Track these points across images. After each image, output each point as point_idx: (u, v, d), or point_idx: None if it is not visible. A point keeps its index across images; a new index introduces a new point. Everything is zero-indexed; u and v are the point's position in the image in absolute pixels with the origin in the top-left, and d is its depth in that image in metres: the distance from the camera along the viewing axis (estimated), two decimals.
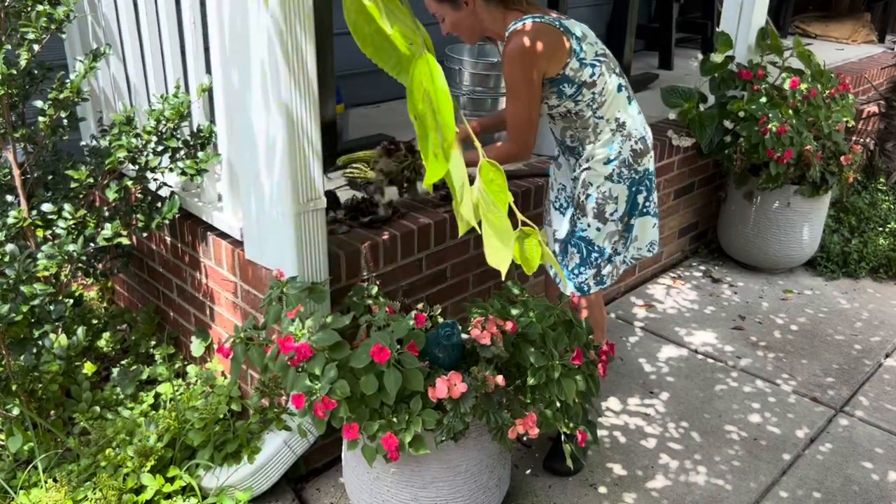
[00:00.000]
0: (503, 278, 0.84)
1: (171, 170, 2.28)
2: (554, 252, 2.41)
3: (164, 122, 2.23)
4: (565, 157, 2.37)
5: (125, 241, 2.28)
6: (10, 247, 2.02)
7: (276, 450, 2.21)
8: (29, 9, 2.16)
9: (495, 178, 0.60)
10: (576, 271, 2.34)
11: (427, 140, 0.57)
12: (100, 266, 2.56)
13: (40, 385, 2.32)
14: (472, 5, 2.13)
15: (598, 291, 2.40)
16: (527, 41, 2.07)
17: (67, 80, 2.20)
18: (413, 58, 0.56)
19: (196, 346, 2.55)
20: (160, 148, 2.27)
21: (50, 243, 2.12)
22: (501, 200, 0.60)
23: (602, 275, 2.35)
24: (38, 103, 2.21)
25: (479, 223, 0.61)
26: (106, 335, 2.75)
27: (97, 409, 2.39)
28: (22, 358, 2.19)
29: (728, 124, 3.49)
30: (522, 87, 2.11)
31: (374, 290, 2.10)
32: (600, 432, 2.60)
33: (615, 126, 2.22)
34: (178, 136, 2.29)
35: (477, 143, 0.69)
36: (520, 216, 0.63)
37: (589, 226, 2.29)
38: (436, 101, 0.56)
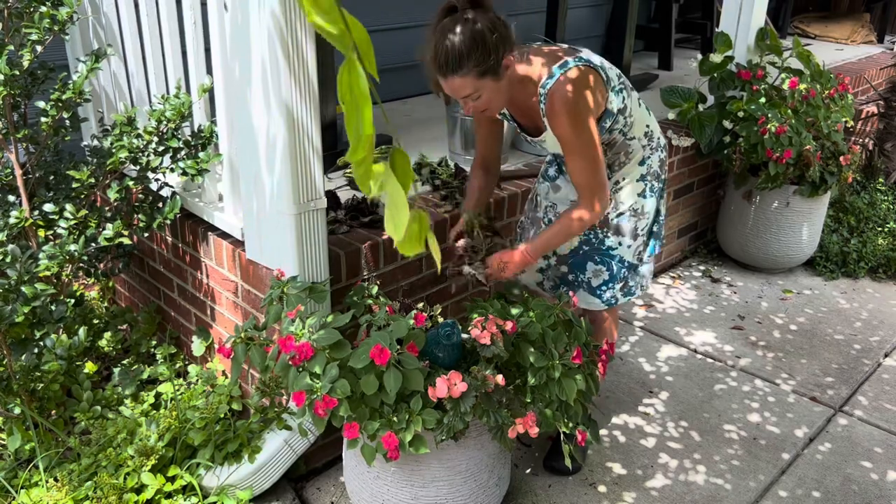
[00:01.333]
0: (395, 246, 0.95)
1: (172, 170, 2.29)
2: (563, 273, 2.32)
3: (165, 122, 2.24)
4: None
5: (126, 241, 2.29)
6: (11, 247, 2.03)
7: (277, 449, 2.22)
8: (32, 10, 2.17)
9: (401, 160, 0.77)
10: (604, 287, 2.28)
11: (351, 124, 0.71)
12: (101, 266, 2.57)
13: (41, 385, 2.32)
14: (510, 67, 1.90)
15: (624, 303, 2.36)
16: (576, 93, 1.93)
17: (69, 81, 2.21)
18: (346, 54, 0.68)
19: (197, 346, 2.56)
20: (161, 148, 2.28)
21: (51, 243, 2.13)
22: (405, 182, 0.76)
23: (630, 286, 2.31)
24: (41, 104, 2.22)
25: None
26: (107, 335, 2.76)
27: (98, 408, 2.40)
28: (23, 358, 2.19)
29: (727, 124, 3.49)
30: (585, 141, 1.95)
31: (374, 289, 2.11)
32: (600, 432, 2.60)
33: (646, 141, 2.17)
34: (179, 136, 2.30)
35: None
36: (418, 199, 0.84)
37: (620, 244, 2.23)
38: (358, 101, 0.70)
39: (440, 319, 2.04)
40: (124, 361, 2.65)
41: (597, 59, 2.05)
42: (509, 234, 2.74)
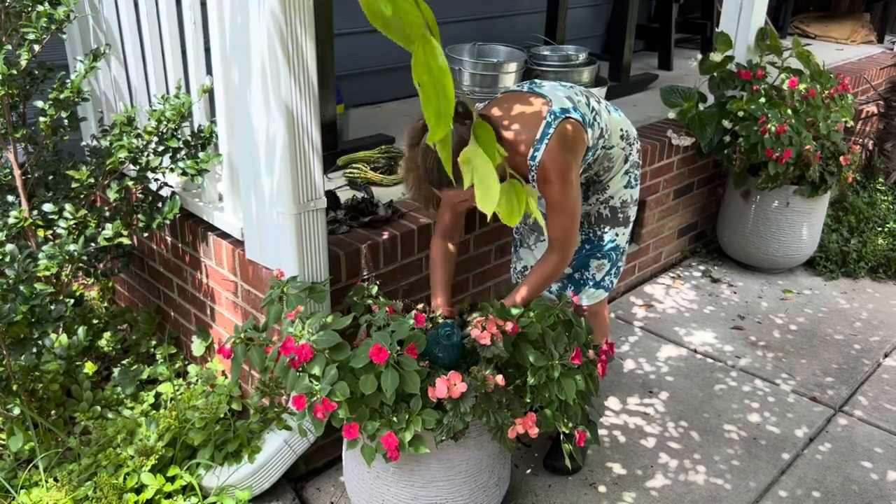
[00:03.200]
0: (488, 220, 0.97)
1: (171, 170, 2.29)
2: (569, 274, 2.37)
3: (164, 122, 2.23)
4: None
5: (126, 241, 2.29)
6: (9, 247, 2.03)
7: (277, 449, 2.22)
8: (29, 9, 2.16)
9: (485, 133, 0.76)
10: (606, 277, 2.37)
11: (430, 104, 0.69)
12: (100, 266, 2.56)
13: (41, 385, 2.32)
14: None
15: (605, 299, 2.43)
16: (564, 159, 1.98)
17: (68, 81, 2.21)
18: (417, 34, 0.67)
19: (197, 346, 2.56)
20: (161, 148, 2.28)
21: (51, 243, 2.13)
22: (491, 154, 0.74)
23: (619, 267, 2.41)
24: (39, 103, 2.22)
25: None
26: (107, 335, 2.76)
27: (98, 408, 2.40)
28: (23, 357, 2.19)
29: (727, 124, 3.49)
30: (571, 201, 2.02)
31: (374, 290, 2.10)
32: (600, 432, 2.60)
33: (623, 144, 2.22)
34: (179, 136, 2.29)
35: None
36: (509, 171, 0.79)
37: (617, 234, 2.33)
38: (437, 77, 0.69)
39: (440, 320, 2.04)
40: (124, 361, 2.64)
41: (566, 99, 2.05)
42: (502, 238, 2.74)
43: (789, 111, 3.43)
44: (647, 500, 2.33)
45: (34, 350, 2.18)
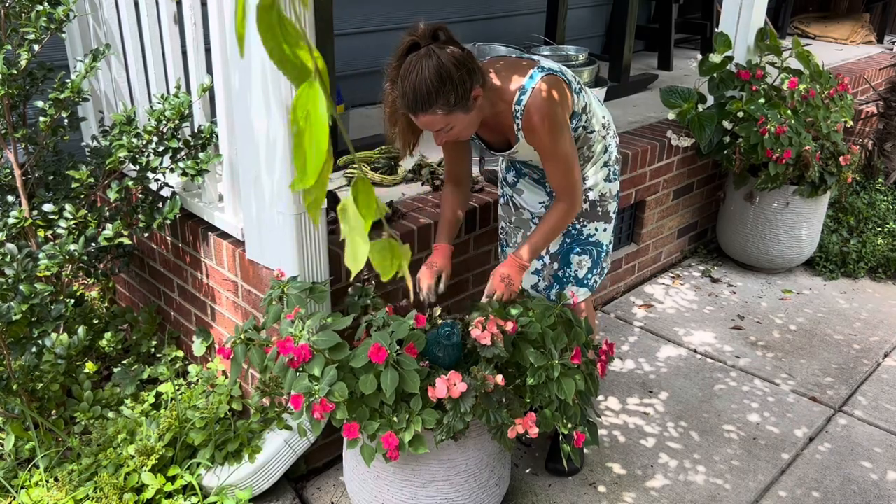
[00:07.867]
0: (351, 279, 0.93)
1: (172, 170, 2.29)
2: (555, 271, 2.37)
3: (164, 122, 2.24)
4: (542, 182, 2.33)
5: (126, 241, 2.30)
6: (8, 246, 2.03)
7: (277, 449, 2.22)
8: (29, 9, 2.17)
9: (364, 188, 0.73)
10: (588, 275, 2.36)
11: (299, 153, 0.67)
12: (101, 266, 2.56)
13: (41, 384, 2.32)
14: (479, 98, 1.94)
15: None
16: (551, 104, 1.99)
17: (68, 81, 2.21)
18: (305, 78, 0.65)
19: (197, 346, 2.56)
20: (161, 148, 2.28)
21: (51, 243, 2.13)
22: (368, 214, 0.72)
23: (604, 267, 2.40)
24: (39, 103, 2.22)
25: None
26: (107, 335, 2.76)
27: (98, 408, 2.40)
28: (23, 357, 2.19)
29: (727, 125, 3.49)
30: (563, 148, 2.03)
31: (371, 290, 2.11)
32: (600, 432, 2.60)
33: (605, 132, 2.24)
34: (179, 136, 2.30)
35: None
36: (387, 229, 0.73)
37: (597, 229, 2.32)
38: (314, 126, 0.66)
39: (440, 321, 2.04)
40: (124, 361, 2.64)
41: (555, 65, 2.09)
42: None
43: (789, 112, 3.43)
44: (647, 499, 2.33)
45: (34, 350, 2.18)
